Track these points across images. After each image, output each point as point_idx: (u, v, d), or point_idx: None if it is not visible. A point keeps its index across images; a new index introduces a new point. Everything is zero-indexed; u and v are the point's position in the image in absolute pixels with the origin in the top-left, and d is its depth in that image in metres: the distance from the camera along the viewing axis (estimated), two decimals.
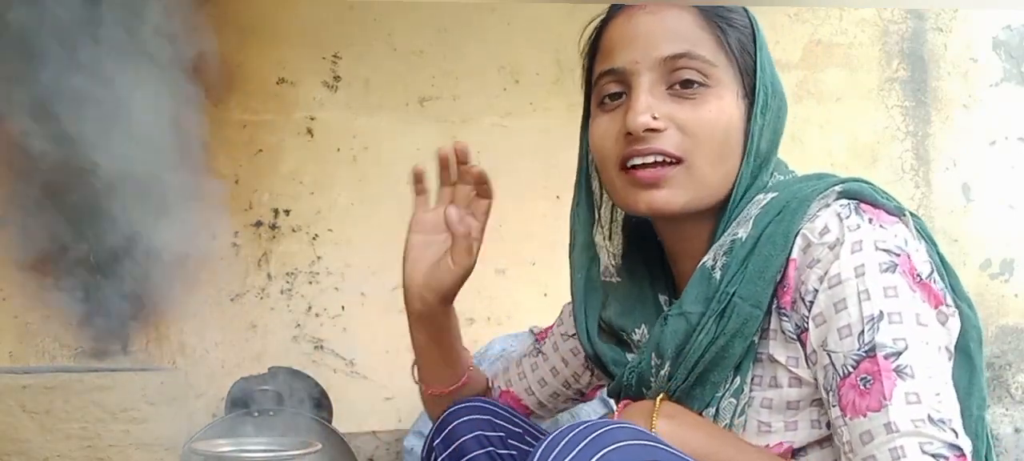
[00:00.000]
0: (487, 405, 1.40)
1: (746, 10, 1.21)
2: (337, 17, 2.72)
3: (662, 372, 1.17)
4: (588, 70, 1.28)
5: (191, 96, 2.56)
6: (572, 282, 1.36)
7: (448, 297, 1.41)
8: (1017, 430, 3.13)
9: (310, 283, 2.67)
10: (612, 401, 1.33)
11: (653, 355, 1.18)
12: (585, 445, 0.98)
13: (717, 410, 1.14)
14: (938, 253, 1.14)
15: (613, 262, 1.33)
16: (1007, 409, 3.13)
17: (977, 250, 3.13)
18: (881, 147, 3.09)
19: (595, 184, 1.34)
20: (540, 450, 1.01)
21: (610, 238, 1.34)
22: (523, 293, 2.74)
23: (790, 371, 1.11)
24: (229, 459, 1.61)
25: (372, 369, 2.69)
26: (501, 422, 1.37)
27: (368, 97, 2.73)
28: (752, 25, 1.21)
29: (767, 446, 1.12)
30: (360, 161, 2.71)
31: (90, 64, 2.42)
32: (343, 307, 2.69)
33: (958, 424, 1.02)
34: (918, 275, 1.06)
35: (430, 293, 1.39)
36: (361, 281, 2.69)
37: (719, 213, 1.18)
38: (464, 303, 2.74)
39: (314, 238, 2.68)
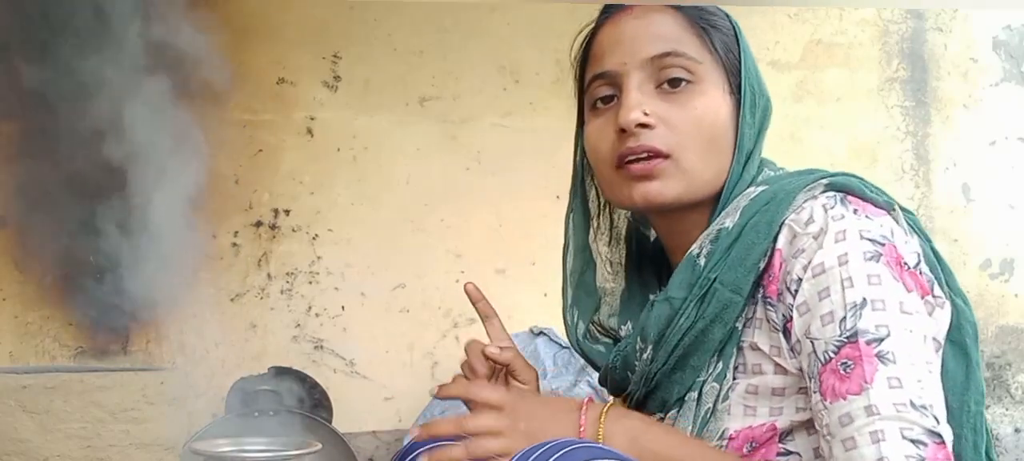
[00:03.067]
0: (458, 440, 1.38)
1: (727, 15, 1.26)
2: (337, 17, 2.72)
3: (645, 355, 1.20)
4: (580, 77, 1.32)
5: (191, 95, 2.56)
6: (564, 283, 1.40)
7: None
8: (1017, 430, 3.13)
9: (310, 283, 2.67)
10: (604, 390, 1.35)
11: (638, 339, 1.21)
12: None
13: (699, 394, 1.16)
14: (932, 248, 1.16)
15: (610, 269, 1.37)
16: (1007, 409, 3.13)
17: (977, 250, 3.13)
18: (881, 147, 3.09)
19: (592, 192, 1.38)
20: None
21: (610, 245, 1.37)
22: (523, 293, 2.74)
23: (774, 360, 1.12)
24: (229, 459, 1.61)
25: (372, 369, 2.69)
26: None
27: (368, 97, 2.73)
28: (734, 29, 1.26)
29: (750, 426, 1.13)
30: (360, 161, 2.72)
31: (90, 64, 2.42)
32: (343, 307, 2.69)
33: (940, 412, 1.02)
34: (905, 264, 1.08)
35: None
36: (361, 281, 2.69)
37: (712, 207, 1.22)
38: (464, 303, 2.74)
39: (314, 238, 2.68)
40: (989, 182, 3.15)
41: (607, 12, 1.28)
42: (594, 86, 1.25)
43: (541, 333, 2.54)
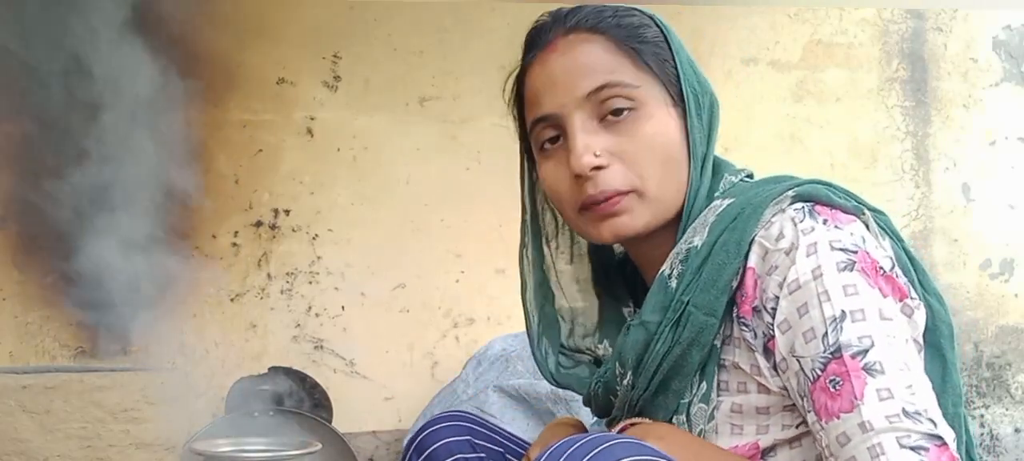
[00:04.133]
0: (467, 423, 1.38)
1: (654, 19, 1.22)
2: (337, 17, 2.72)
3: (626, 381, 1.19)
4: (520, 119, 1.31)
5: (191, 96, 2.56)
6: (528, 323, 1.40)
7: None
8: (1017, 430, 3.13)
9: (310, 283, 2.67)
10: (588, 411, 1.35)
11: (617, 365, 1.20)
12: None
13: (687, 416, 1.15)
14: (904, 249, 1.15)
15: (577, 287, 1.36)
16: (1007, 409, 3.13)
17: (977, 250, 3.13)
18: (881, 147, 3.09)
19: (548, 215, 1.39)
20: None
21: (572, 262, 1.37)
22: None
23: (756, 380, 1.11)
24: (229, 459, 1.61)
25: (372, 369, 2.69)
26: (481, 443, 1.36)
27: (368, 97, 2.73)
28: (664, 33, 1.22)
29: (736, 446, 1.12)
30: (360, 161, 2.71)
31: (91, 64, 2.42)
32: (343, 307, 2.69)
33: (935, 413, 1.01)
34: (880, 269, 1.07)
35: None
36: (361, 281, 2.69)
37: (677, 221, 1.20)
38: (464, 303, 2.76)
39: (314, 238, 2.68)
40: (989, 182, 3.15)
41: (532, 51, 1.27)
42: (538, 129, 1.24)
43: None
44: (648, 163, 1.16)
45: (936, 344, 1.11)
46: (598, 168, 1.16)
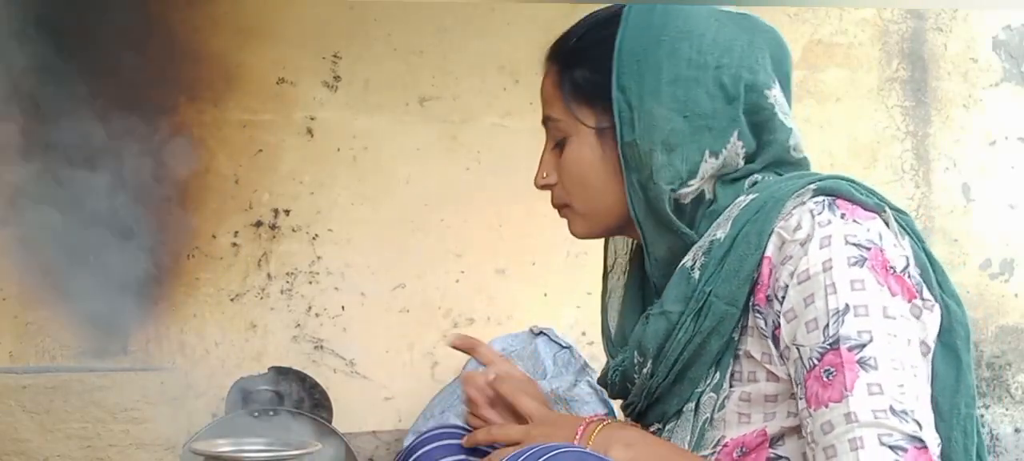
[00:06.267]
0: (457, 438, 1.39)
1: (620, 30, 1.25)
2: (337, 17, 2.71)
3: (644, 370, 1.22)
4: None
5: (191, 96, 2.56)
6: (603, 293, 1.45)
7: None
8: (1017, 430, 3.13)
9: (310, 283, 2.67)
10: (604, 390, 1.37)
11: (636, 353, 1.23)
12: None
13: (697, 405, 1.17)
14: (924, 249, 1.17)
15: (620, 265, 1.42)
16: (1007, 409, 3.13)
17: (977, 250, 3.13)
18: (881, 147, 3.09)
19: None
20: None
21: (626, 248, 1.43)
22: (523, 293, 2.74)
23: (766, 367, 1.14)
24: (229, 459, 1.61)
25: (372, 369, 2.69)
26: (473, 456, 1.37)
27: (368, 97, 2.73)
28: (614, 50, 1.24)
29: (743, 434, 1.14)
30: (360, 161, 2.71)
31: (90, 60, 2.42)
32: (343, 307, 2.69)
33: (924, 416, 1.03)
34: (891, 268, 1.09)
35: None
36: (361, 281, 2.69)
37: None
38: (464, 303, 2.77)
39: (314, 238, 2.68)
40: (989, 182, 3.15)
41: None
42: None
43: (541, 333, 2.54)
44: (571, 185, 1.29)
45: (952, 345, 1.13)
46: (548, 185, 1.33)
